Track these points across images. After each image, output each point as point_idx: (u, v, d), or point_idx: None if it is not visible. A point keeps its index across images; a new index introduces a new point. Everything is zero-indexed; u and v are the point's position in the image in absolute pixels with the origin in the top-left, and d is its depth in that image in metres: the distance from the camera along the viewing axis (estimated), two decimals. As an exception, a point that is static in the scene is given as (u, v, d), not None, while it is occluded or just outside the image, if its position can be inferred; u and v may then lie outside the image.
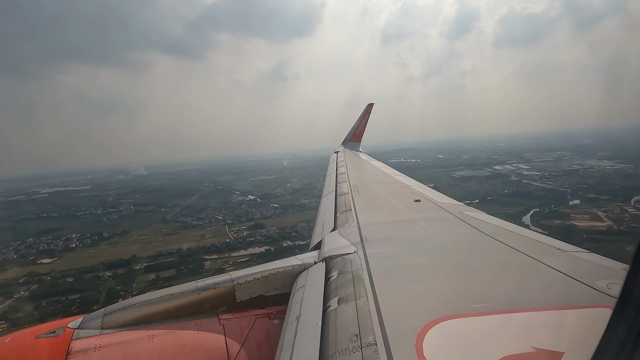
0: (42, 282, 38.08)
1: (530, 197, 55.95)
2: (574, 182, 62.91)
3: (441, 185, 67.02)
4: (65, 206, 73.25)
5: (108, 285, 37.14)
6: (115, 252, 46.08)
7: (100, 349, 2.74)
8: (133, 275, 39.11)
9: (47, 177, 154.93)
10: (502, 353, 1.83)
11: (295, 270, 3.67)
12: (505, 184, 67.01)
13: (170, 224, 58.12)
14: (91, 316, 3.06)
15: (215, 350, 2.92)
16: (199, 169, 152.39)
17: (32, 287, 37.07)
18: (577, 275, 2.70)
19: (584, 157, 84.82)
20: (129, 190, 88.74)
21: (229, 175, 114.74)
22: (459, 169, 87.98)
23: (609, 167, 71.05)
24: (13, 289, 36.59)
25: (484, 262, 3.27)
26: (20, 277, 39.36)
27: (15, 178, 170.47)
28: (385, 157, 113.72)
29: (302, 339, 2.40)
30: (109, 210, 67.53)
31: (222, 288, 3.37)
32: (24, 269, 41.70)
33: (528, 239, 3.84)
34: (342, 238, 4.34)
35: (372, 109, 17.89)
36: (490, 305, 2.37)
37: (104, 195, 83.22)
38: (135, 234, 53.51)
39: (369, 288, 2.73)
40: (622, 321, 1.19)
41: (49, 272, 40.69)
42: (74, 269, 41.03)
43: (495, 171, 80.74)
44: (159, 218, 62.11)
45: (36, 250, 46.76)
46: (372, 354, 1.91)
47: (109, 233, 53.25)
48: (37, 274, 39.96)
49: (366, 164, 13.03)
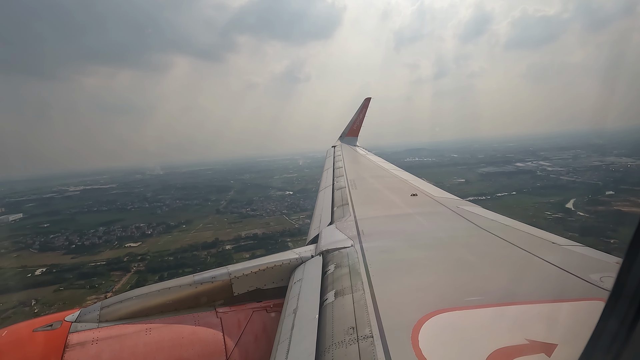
0: (148, 260, 42.09)
1: (564, 189, 57.59)
2: (601, 176, 63.79)
3: (472, 181, 71.16)
4: (107, 202, 77.30)
5: (210, 261, 39.70)
6: (193, 237, 49.42)
7: (98, 342, 2.74)
8: (227, 254, 41.45)
9: (61, 177, 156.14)
10: (496, 345, 1.85)
11: (292, 264, 3.68)
12: (535, 178, 68.76)
13: (227, 215, 61.52)
14: (88, 309, 3.06)
15: (213, 343, 2.93)
16: (215, 169, 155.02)
17: (141, 264, 40.89)
18: (571, 269, 2.73)
19: (601, 154, 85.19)
20: (159, 187, 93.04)
21: (249, 173, 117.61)
22: (481, 166, 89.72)
23: (631, 163, 71.38)
24: (126, 264, 41.10)
25: (479, 256, 3.29)
26: (122, 256, 43.70)
27: (27, 178, 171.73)
28: (400, 157, 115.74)
29: (299, 331, 2.42)
30: (157, 204, 71.51)
31: (220, 281, 3.38)
32: (118, 251, 45.96)
33: (523, 233, 3.87)
34: (339, 232, 4.35)
35: (369, 103, 17.85)
36: (485, 298, 2.40)
37: (139, 192, 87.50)
38: (200, 223, 57.26)
39: (366, 281, 2.75)
40: (614, 313, 1.20)
41: (145, 252, 44.62)
42: (165, 250, 45.05)
43: (518, 168, 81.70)
44: (211, 210, 65.89)
45: (115, 237, 50.86)
46: (368, 347, 1.93)
47: (174, 222, 57.30)
48: (136, 254, 43.94)
49: (363, 158, 13.03)
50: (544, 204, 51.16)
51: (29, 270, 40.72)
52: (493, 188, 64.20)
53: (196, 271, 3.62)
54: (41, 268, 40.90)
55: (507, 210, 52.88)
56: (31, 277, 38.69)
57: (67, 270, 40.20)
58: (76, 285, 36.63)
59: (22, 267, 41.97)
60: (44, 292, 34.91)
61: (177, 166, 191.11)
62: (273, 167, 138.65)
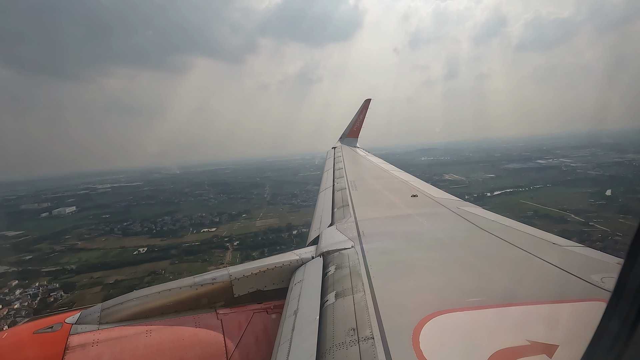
0: (237, 240, 45.75)
1: (597, 181, 58.10)
2: (627, 170, 64.00)
3: (502, 175, 73.18)
4: (146, 197, 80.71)
5: (296, 240, 41.75)
6: (262, 224, 52.82)
7: (98, 344, 2.74)
8: (305, 235, 43.06)
9: (80, 177, 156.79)
10: (497, 346, 1.85)
11: (292, 265, 3.68)
12: (563, 173, 69.61)
13: (280, 205, 64.16)
14: (89, 311, 3.05)
15: (214, 345, 2.93)
16: (231, 169, 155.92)
17: (235, 243, 44.59)
18: (572, 270, 2.73)
19: (619, 152, 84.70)
20: (189, 184, 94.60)
21: (270, 172, 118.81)
22: (502, 163, 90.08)
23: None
24: (221, 243, 44.97)
25: (480, 257, 3.29)
26: (209, 238, 47.31)
27: (48, 177, 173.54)
28: (414, 157, 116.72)
29: (299, 333, 2.41)
30: (201, 198, 74.81)
31: (220, 283, 3.38)
32: (199, 235, 49.74)
33: (524, 234, 3.87)
34: (340, 233, 4.35)
35: (369, 104, 17.86)
36: (486, 299, 2.39)
37: (172, 189, 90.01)
38: (260, 212, 60.72)
39: (366, 282, 2.75)
40: (615, 314, 1.20)
41: (229, 235, 48.21)
42: (246, 233, 48.70)
43: (540, 164, 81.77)
44: (261, 202, 69.05)
45: (188, 224, 54.57)
46: (369, 348, 1.93)
47: (235, 212, 60.66)
48: (222, 236, 47.85)
49: (363, 159, 13.03)
50: (584, 193, 52.00)
51: (129, 250, 45.50)
52: (526, 181, 65.59)
53: (286, 249, 3.63)
54: (141, 248, 45.70)
55: (552, 200, 49.26)
56: (138, 255, 43.56)
57: (164, 249, 44.25)
58: (187, 260, 40.45)
59: (121, 247, 46.72)
60: (161, 265, 39.52)
61: (190, 166, 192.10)
62: (290, 166, 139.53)
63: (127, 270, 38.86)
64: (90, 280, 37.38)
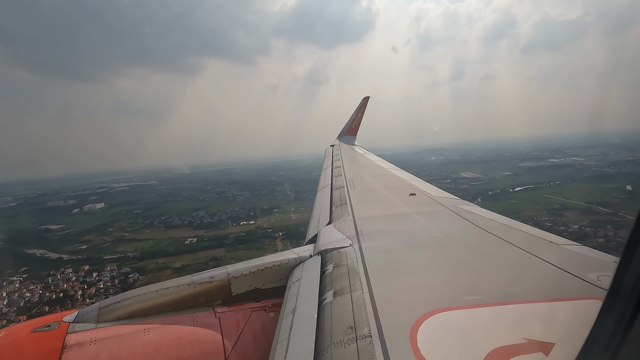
0: (283, 230, 47.88)
1: (614, 178, 57.98)
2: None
3: (520, 173, 74.00)
4: (170, 194, 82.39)
5: None
6: (297, 217, 53.73)
7: (96, 343, 2.73)
8: None
9: (90, 177, 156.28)
10: (494, 344, 1.86)
11: (290, 264, 3.68)
12: (579, 171, 70.02)
13: (307, 201, 65.92)
14: (86, 310, 3.05)
15: (211, 343, 2.93)
16: (240, 169, 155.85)
17: (281, 234, 46.35)
18: (569, 268, 2.74)
19: (630, 151, 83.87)
20: (208, 183, 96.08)
21: (282, 171, 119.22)
22: (516, 162, 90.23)
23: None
24: (268, 234, 47.04)
25: (478, 255, 3.30)
26: (252, 230, 49.58)
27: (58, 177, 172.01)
28: (422, 157, 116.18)
29: (297, 331, 2.42)
30: (227, 195, 77.49)
31: (218, 281, 3.37)
32: (240, 227, 52.10)
33: (521, 232, 3.88)
34: (338, 231, 4.36)
35: (368, 102, 17.85)
36: (483, 297, 2.40)
37: (190, 187, 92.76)
38: (291, 206, 62.53)
39: (364, 281, 2.75)
40: (611, 312, 1.21)
41: (270, 226, 50.74)
42: (286, 225, 50.36)
43: (553, 163, 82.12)
44: (287, 198, 70.68)
45: (225, 217, 56.88)
46: (367, 346, 1.94)
47: (267, 207, 62.82)
48: (264, 228, 50.23)
49: (362, 157, 13.03)
50: (604, 188, 52.31)
51: (179, 240, 47.64)
52: (544, 178, 66.12)
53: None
54: (190, 238, 47.95)
55: (575, 194, 50.51)
56: (190, 244, 45.61)
57: (213, 240, 46.30)
58: (240, 249, 42.23)
59: (170, 238, 48.98)
60: (217, 252, 41.27)
61: (199, 166, 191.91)
62: (300, 166, 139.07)
63: (187, 257, 40.80)
64: (157, 265, 39.58)
